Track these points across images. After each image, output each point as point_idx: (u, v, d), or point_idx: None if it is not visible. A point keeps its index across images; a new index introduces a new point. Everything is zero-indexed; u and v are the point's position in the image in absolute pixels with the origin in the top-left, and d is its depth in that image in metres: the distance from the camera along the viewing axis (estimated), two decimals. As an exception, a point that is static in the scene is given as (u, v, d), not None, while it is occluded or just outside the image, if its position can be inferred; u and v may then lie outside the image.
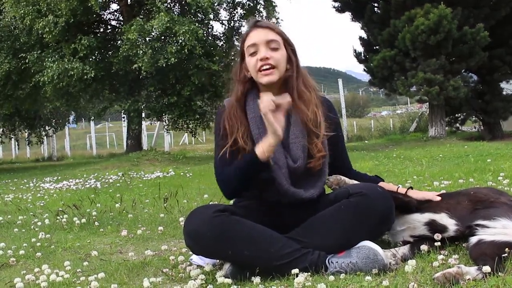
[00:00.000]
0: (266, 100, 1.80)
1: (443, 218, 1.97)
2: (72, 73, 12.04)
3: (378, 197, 1.90)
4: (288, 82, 2.03)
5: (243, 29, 14.83)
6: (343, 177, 2.16)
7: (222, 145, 2.02)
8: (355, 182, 2.17)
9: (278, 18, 14.26)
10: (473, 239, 1.81)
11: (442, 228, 1.96)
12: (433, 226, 1.98)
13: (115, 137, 35.51)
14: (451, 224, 1.95)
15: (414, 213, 2.03)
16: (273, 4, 13.90)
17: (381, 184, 2.16)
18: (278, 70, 1.99)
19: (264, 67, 1.97)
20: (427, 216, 2.00)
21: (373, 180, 2.20)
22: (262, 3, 14.07)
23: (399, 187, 2.16)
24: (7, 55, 13.08)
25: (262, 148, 1.85)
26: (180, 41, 11.61)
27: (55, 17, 11.98)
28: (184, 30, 11.40)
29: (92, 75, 12.14)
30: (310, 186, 2.01)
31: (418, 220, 2.02)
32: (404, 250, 1.96)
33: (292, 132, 2.02)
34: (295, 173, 1.99)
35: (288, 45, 2.04)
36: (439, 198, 2.05)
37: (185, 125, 14.58)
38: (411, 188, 2.14)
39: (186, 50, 11.57)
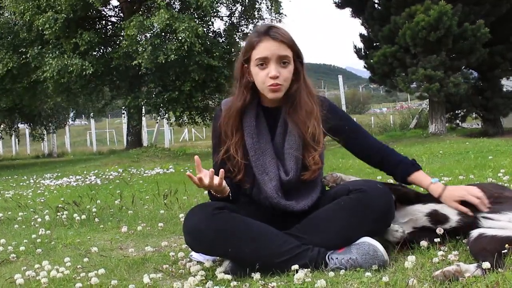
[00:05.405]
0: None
1: (444, 208, 1.97)
2: (72, 69, 12.04)
3: (378, 194, 1.90)
4: (291, 93, 1.99)
5: (243, 27, 14.80)
6: (339, 174, 2.16)
7: (218, 152, 2.05)
8: (353, 178, 2.17)
9: (282, 13, 14.23)
10: (474, 234, 1.80)
11: (443, 219, 1.95)
12: (435, 217, 1.97)
13: (115, 133, 35.52)
14: (453, 214, 1.95)
15: (416, 204, 2.03)
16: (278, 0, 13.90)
17: (417, 173, 2.08)
18: (285, 86, 1.96)
19: (273, 86, 1.92)
20: (429, 207, 2.00)
21: (406, 165, 2.11)
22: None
23: (431, 182, 2.04)
24: (8, 52, 13.07)
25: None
26: (180, 38, 11.60)
27: (55, 12, 11.98)
28: (184, 27, 11.39)
29: (91, 71, 12.14)
30: (303, 197, 2.00)
31: (420, 211, 2.01)
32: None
33: (287, 141, 2.00)
34: (287, 185, 1.98)
35: (298, 57, 1.99)
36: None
37: (191, 120, 14.57)
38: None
39: (185, 46, 11.56)
